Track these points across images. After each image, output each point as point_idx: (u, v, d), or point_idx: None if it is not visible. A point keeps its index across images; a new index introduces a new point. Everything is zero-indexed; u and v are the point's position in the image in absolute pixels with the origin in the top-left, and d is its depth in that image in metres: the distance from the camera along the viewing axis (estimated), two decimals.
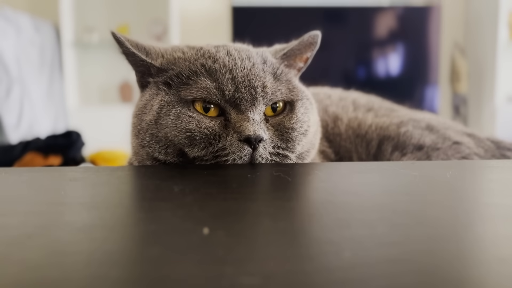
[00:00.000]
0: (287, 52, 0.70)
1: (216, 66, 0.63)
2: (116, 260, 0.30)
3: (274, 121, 0.65)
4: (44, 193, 0.49)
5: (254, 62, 0.65)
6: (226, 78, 0.62)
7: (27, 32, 2.84)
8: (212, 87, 0.62)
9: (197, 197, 0.44)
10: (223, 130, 0.61)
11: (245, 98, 0.62)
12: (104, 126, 2.98)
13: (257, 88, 0.63)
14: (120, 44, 0.66)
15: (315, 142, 0.71)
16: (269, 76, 0.65)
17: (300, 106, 0.67)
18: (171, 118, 0.62)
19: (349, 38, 3.58)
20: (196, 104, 0.63)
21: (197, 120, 0.61)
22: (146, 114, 0.65)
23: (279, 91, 0.65)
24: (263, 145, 0.61)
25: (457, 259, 0.30)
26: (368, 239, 0.32)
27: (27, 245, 0.32)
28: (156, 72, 0.66)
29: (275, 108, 0.65)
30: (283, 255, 0.30)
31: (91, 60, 3.52)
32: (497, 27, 3.27)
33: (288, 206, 0.42)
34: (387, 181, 0.51)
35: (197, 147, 0.61)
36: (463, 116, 3.61)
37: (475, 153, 0.79)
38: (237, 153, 0.60)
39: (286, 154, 0.63)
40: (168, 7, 3.33)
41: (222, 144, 0.60)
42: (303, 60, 0.72)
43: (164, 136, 0.62)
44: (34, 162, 1.92)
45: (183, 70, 0.64)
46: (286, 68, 0.70)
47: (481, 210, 0.42)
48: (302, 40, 0.70)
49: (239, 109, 0.62)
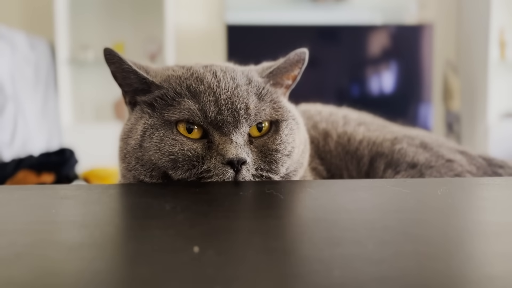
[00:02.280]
0: (273, 71, 0.69)
1: (201, 88, 0.63)
2: (106, 279, 0.30)
3: (259, 142, 0.64)
4: (34, 211, 0.48)
5: (238, 83, 0.65)
6: (210, 100, 0.62)
7: (22, 50, 2.84)
8: (195, 108, 0.62)
9: (188, 216, 0.43)
10: (206, 152, 0.61)
11: (228, 121, 0.61)
12: (98, 143, 2.96)
13: (240, 110, 0.62)
14: (118, 62, 0.65)
15: (303, 161, 0.70)
16: (253, 96, 0.65)
17: (285, 127, 0.66)
18: (154, 141, 0.62)
19: (343, 57, 3.61)
20: (179, 126, 0.63)
21: (180, 142, 0.61)
22: (131, 138, 0.65)
23: (263, 112, 0.64)
24: (246, 168, 0.61)
25: (448, 277, 0.30)
26: (358, 257, 0.32)
27: (15, 264, 0.31)
28: (154, 90, 0.65)
29: (260, 128, 0.65)
30: (273, 274, 0.30)
31: (86, 77, 3.52)
32: (488, 45, 3.32)
33: (279, 224, 0.41)
34: (378, 199, 0.51)
35: (180, 169, 0.61)
36: (456, 134, 3.63)
37: (468, 171, 0.79)
38: (220, 176, 0.60)
39: (269, 176, 0.63)
40: (163, 25, 3.35)
41: (206, 166, 0.61)
42: (290, 78, 0.72)
43: (148, 159, 0.62)
44: (27, 180, 1.91)
45: (168, 92, 0.64)
46: (272, 87, 0.69)
47: (472, 228, 0.42)
48: (288, 58, 0.70)
49: (222, 131, 0.62)
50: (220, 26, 3.58)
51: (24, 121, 2.71)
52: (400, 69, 3.61)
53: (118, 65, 0.65)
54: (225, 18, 3.57)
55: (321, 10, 3.67)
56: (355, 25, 3.62)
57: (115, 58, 0.65)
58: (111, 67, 0.66)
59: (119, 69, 0.66)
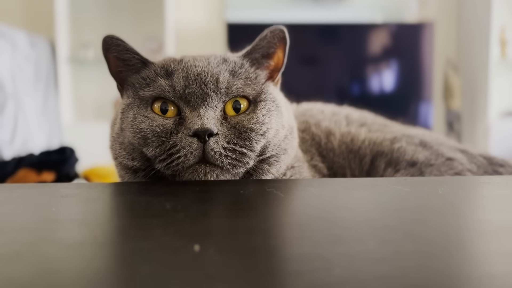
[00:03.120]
0: (249, 50, 0.69)
1: (175, 67, 0.65)
2: (106, 278, 0.30)
3: (234, 120, 0.63)
4: (35, 209, 0.48)
5: (210, 61, 0.66)
6: (180, 76, 0.64)
7: (23, 48, 2.84)
8: (166, 84, 0.63)
9: (189, 214, 0.43)
10: (175, 128, 0.62)
11: (196, 94, 0.62)
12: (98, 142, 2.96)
13: (208, 83, 0.63)
14: (122, 44, 0.67)
15: (287, 148, 0.69)
16: (225, 72, 0.65)
17: (262, 108, 0.65)
18: (129, 120, 0.64)
19: (343, 55, 3.60)
20: (154, 106, 0.64)
21: (151, 119, 0.63)
22: (116, 124, 0.68)
23: (234, 86, 0.64)
24: (214, 140, 0.60)
25: (448, 276, 0.30)
26: (359, 256, 0.32)
27: (15, 263, 0.31)
28: (142, 71, 0.68)
29: (238, 109, 0.64)
30: (273, 272, 0.30)
31: (86, 76, 3.52)
32: (489, 44, 3.31)
33: (280, 222, 0.41)
34: (379, 197, 0.51)
35: (151, 145, 0.62)
36: (456, 132, 3.63)
37: (468, 169, 0.79)
38: (187, 148, 0.59)
39: (243, 151, 0.62)
40: (164, 23, 3.35)
41: (172, 141, 0.61)
42: (272, 59, 0.70)
43: (128, 141, 0.64)
44: (27, 178, 1.91)
45: (150, 73, 0.66)
46: (252, 67, 0.68)
47: (473, 226, 0.42)
48: (263, 36, 0.68)
49: (192, 106, 0.62)
50: (221, 24, 3.57)
51: (24, 119, 2.71)
52: (401, 67, 3.61)
53: (122, 47, 0.67)
54: (225, 16, 3.56)
55: (322, 8, 3.66)
56: (355, 23, 3.62)
57: (119, 41, 0.67)
58: (112, 53, 0.68)
59: (123, 51, 0.68)
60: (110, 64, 0.70)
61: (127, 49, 0.68)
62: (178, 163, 0.60)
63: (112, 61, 0.69)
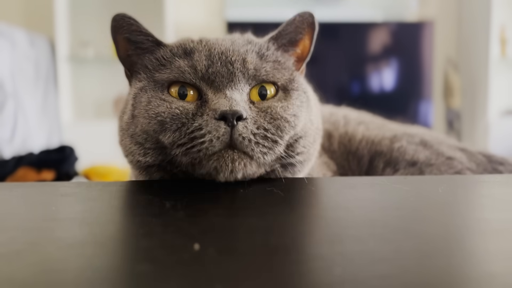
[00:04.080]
0: (276, 35, 0.63)
1: (195, 46, 0.59)
2: (107, 277, 0.30)
3: (264, 104, 0.57)
4: (35, 208, 0.48)
5: (235, 41, 0.60)
6: (202, 55, 0.57)
7: (22, 47, 2.84)
8: (185, 65, 0.57)
9: (189, 213, 0.43)
10: (198, 110, 0.55)
11: (221, 73, 0.56)
12: (98, 140, 2.96)
13: (235, 62, 0.57)
14: (136, 24, 0.61)
15: (314, 153, 0.64)
16: (253, 53, 0.59)
17: (296, 98, 0.59)
18: (143, 105, 0.57)
19: (343, 54, 3.60)
20: (171, 90, 0.58)
21: (169, 102, 0.56)
22: (126, 113, 0.61)
23: (263, 69, 0.58)
24: (243, 124, 0.53)
25: (448, 275, 0.30)
26: (359, 255, 0.32)
27: (16, 261, 0.31)
28: (156, 51, 0.62)
29: (264, 95, 0.58)
30: (274, 271, 0.30)
31: (86, 74, 3.52)
32: (489, 42, 3.31)
33: (280, 221, 0.41)
34: (379, 196, 0.51)
35: (169, 130, 0.54)
36: (456, 131, 3.63)
37: (468, 168, 0.79)
38: (214, 133, 0.52)
39: (276, 139, 0.55)
40: (163, 22, 3.35)
41: (197, 123, 0.53)
42: (299, 45, 0.64)
43: (140, 129, 0.57)
44: (27, 177, 1.91)
45: (165, 53, 0.60)
46: (279, 52, 0.63)
47: (473, 225, 0.42)
48: (291, 20, 0.63)
49: (216, 87, 0.56)
50: (220, 23, 3.57)
51: (24, 118, 2.71)
52: (401, 66, 3.61)
53: (134, 28, 0.61)
54: (225, 15, 3.56)
55: (322, 7, 3.66)
56: (355, 22, 3.62)
57: (131, 20, 0.61)
58: (123, 34, 0.62)
59: (135, 32, 0.61)
60: (119, 47, 0.63)
61: (141, 30, 0.61)
62: (200, 149, 0.53)
63: (122, 43, 0.63)
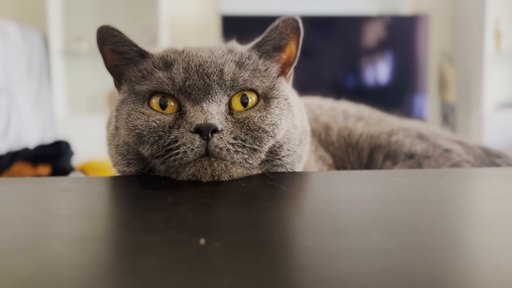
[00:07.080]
0: (260, 42, 0.63)
1: (175, 58, 0.60)
2: (110, 272, 0.30)
3: (242, 115, 0.57)
4: (35, 204, 0.48)
5: (214, 52, 0.60)
6: (180, 67, 0.58)
7: (15, 41, 2.81)
8: (164, 77, 0.58)
9: (192, 207, 0.43)
10: (175, 123, 0.56)
11: (197, 86, 0.56)
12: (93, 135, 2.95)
13: (212, 75, 0.57)
14: (119, 36, 0.61)
15: (302, 155, 0.64)
16: (231, 63, 0.59)
17: (275, 106, 0.59)
18: (123, 117, 0.58)
19: (338, 47, 3.60)
20: (152, 101, 0.59)
21: (147, 115, 0.57)
22: (111, 124, 0.62)
23: (241, 78, 0.58)
24: (218, 136, 0.54)
25: (452, 268, 0.30)
26: (364, 248, 0.32)
27: (18, 257, 0.31)
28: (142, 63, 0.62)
29: (246, 103, 0.59)
30: (279, 265, 0.30)
31: (80, 68, 3.49)
32: (484, 36, 3.32)
33: (283, 215, 0.41)
34: (381, 190, 0.51)
35: (147, 143, 0.56)
36: (451, 124, 3.64)
37: (465, 160, 0.79)
38: (188, 145, 0.54)
39: (254, 147, 0.56)
40: (158, 15, 3.33)
41: (173, 136, 0.55)
42: (284, 51, 0.64)
43: (123, 140, 0.59)
44: (22, 172, 1.90)
45: (147, 65, 0.60)
46: (261, 59, 0.62)
47: (475, 219, 0.42)
48: (274, 26, 0.62)
49: (193, 100, 0.57)
50: (215, 16, 3.55)
51: (17, 112, 2.69)
52: (396, 60, 3.61)
53: (118, 39, 0.62)
54: (220, 8, 3.54)
55: (316, 0, 3.65)
56: (350, 15, 3.61)
57: (115, 31, 0.62)
58: (108, 46, 0.62)
59: (120, 43, 0.62)
60: (106, 58, 0.64)
61: (125, 40, 0.62)
62: (175, 159, 0.54)
63: (108, 54, 0.63)
